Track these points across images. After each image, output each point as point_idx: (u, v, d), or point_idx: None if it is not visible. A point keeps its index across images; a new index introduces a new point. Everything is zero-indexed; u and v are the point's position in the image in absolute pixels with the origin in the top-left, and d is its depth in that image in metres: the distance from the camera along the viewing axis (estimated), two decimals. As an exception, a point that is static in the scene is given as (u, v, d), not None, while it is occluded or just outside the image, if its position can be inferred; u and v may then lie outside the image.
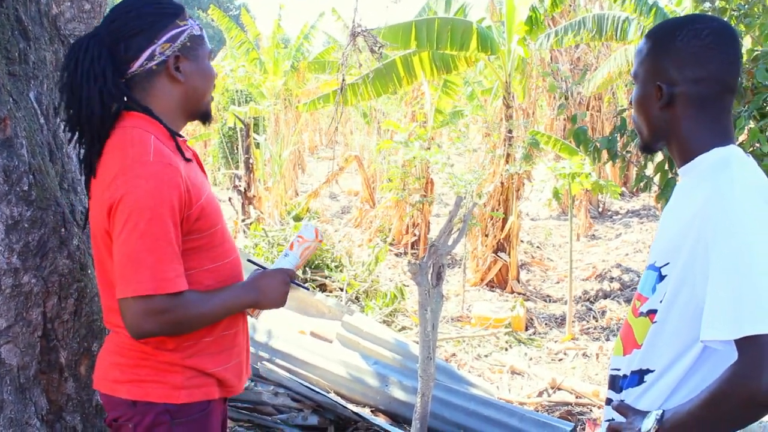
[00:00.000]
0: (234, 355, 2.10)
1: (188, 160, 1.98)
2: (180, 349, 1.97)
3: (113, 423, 2.01)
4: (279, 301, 2.10)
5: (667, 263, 1.67)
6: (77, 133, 1.98)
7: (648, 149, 1.85)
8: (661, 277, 1.68)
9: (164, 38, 1.93)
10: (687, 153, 1.73)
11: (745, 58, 3.98)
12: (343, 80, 5.37)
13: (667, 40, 1.71)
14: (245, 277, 2.15)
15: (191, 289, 1.92)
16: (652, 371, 1.70)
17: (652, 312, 1.71)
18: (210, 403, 2.03)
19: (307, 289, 2.33)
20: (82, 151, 2.01)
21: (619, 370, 1.82)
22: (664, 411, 1.61)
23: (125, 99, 1.95)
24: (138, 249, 1.80)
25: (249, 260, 2.20)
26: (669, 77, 1.70)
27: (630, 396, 1.75)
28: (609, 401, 1.86)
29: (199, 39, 2.01)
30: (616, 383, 1.83)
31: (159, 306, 1.83)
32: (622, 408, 1.74)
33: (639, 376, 1.74)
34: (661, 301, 1.68)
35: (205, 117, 2.11)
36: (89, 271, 2.44)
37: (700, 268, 1.56)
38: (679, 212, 1.71)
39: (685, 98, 1.69)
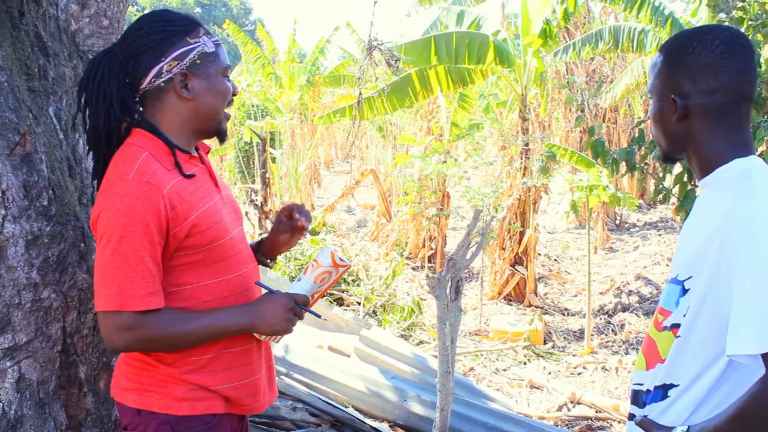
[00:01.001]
0: (246, 373, 2.07)
1: (188, 176, 1.96)
2: (178, 364, 1.97)
3: (124, 431, 2.03)
4: (279, 327, 2.00)
5: (690, 277, 1.65)
6: (91, 144, 2.02)
7: (668, 160, 1.86)
8: (684, 291, 1.66)
9: (172, 56, 1.93)
10: (706, 165, 1.71)
11: (763, 67, 3.95)
12: (360, 94, 5.37)
13: (679, 52, 1.70)
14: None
15: (171, 308, 1.92)
16: (676, 386, 1.68)
17: (675, 326, 1.69)
18: (215, 417, 2.01)
19: (318, 316, 2.26)
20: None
21: (642, 384, 1.80)
22: (689, 426, 1.59)
23: (136, 115, 1.98)
24: (109, 265, 1.84)
25: (256, 283, 2.15)
26: (683, 90, 1.69)
27: (654, 411, 1.73)
28: (632, 416, 1.83)
29: (212, 56, 1.99)
30: (639, 398, 1.81)
31: (126, 323, 1.85)
32: (646, 423, 1.72)
33: (663, 391, 1.71)
34: (684, 315, 1.66)
35: (219, 135, 2.09)
36: (108, 286, 2.44)
37: (724, 281, 1.54)
38: (700, 225, 1.69)
39: (700, 110, 1.68)
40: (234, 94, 2.08)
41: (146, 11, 2.00)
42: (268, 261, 2.37)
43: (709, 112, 1.68)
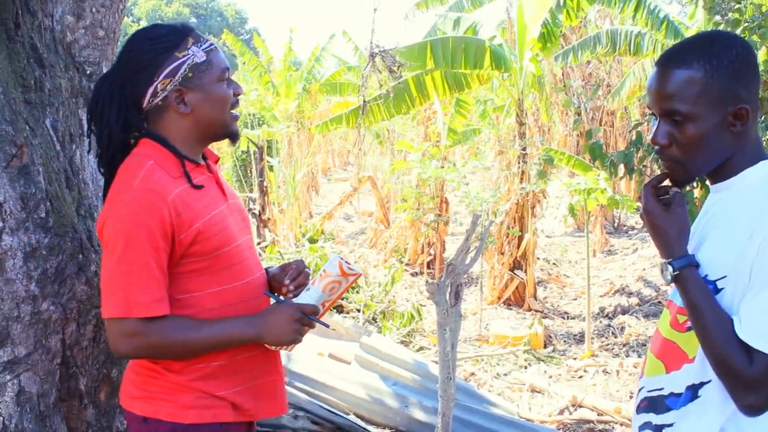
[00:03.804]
0: (252, 378, 2.07)
1: (196, 187, 1.97)
2: (186, 371, 1.97)
3: None
4: (287, 338, 2.00)
5: (724, 276, 1.63)
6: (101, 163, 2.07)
7: (693, 179, 1.78)
8: (718, 290, 1.65)
9: (163, 74, 1.94)
10: (733, 169, 1.70)
11: (761, 68, 3.96)
12: (364, 101, 5.37)
13: (723, 63, 1.62)
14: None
15: (179, 316, 1.93)
16: (707, 383, 1.67)
17: None
18: (223, 426, 2.00)
19: (327, 326, 2.25)
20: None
21: (661, 390, 1.78)
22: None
23: (142, 131, 2.01)
24: (114, 272, 1.86)
25: (264, 292, 2.14)
26: (741, 97, 1.63)
27: (689, 413, 1.71)
28: (646, 425, 1.81)
29: (204, 65, 1.98)
30: (659, 404, 1.78)
31: (131, 329, 1.86)
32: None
33: (693, 392, 1.70)
34: None
35: (230, 137, 2.09)
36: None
37: (759, 280, 1.56)
38: (727, 226, 1.67)
39: (750, 116, 1.65)
40: (237, 95, 2.07)
41: (141, 21, 2.00)
42: None
43: (753, 116, 1.66)
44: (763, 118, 3.77)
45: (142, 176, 1.88)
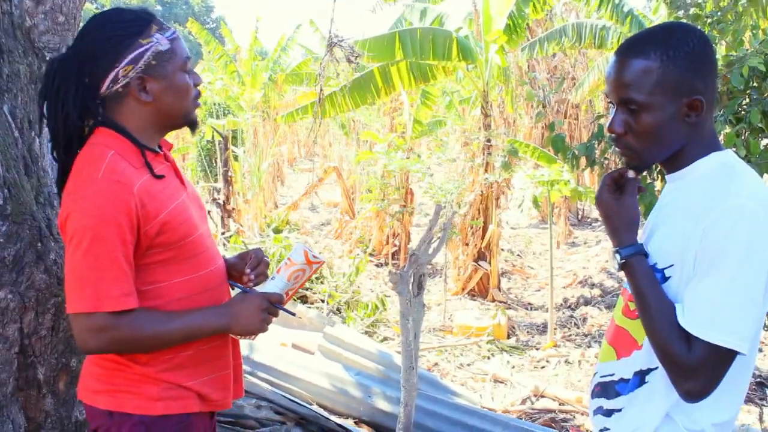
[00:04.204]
0: (217, 368, 2.06)
1: (158, 177, 1.94)
2: (153, 363, 1.94)
3: None
4: (254, 328, 2.00)
5: (672, 265, 1.67)
6: (53, 148, 1.98)
7: (648, 167, 1.83)
8: (665, 279, 1.68)
9: (126, 61, 1.89)
10: (687, 159, 1.72)
11: (720, 63, 4.02)
12: (321, 90, 5.35)
13: (680, 54, 1.64)
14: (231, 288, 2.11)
15: (147, 309, 1.89)
16: (654, 369, 1.71)
17: None
18: (189, 417, 1.99)
19: (293, 315, 2.26)
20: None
21: (612, 375, 1.82)
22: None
23: (98, 117, 1.94)
24: (81, 267, 1.80)
25: (229, 282, 2.13)
26: (697, 88, 1.65)
27: (636, 399, 1.75)
28: (598, 410, 1.85)
29: (168, 54, 1.94)
30: (609, 389, 1.82)
31: (100, 323, 1.81)
32: None
33: (640, 377, 1.74)
34: None
35: (190, 125, 2.06)
36: (67, 286, 2.41)
37: (704, 267, 1.59)
38: (676, 216, 1.70)
39: (704, 107, 1.66)
40: (197, 85, 2.04)
41: (105, 8, 1.97)
42: None
43: (708, 107, 1.67)
44: (722, 111, 3.82)
45: (106, 167, 1.83)
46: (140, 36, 1.91)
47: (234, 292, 2.12)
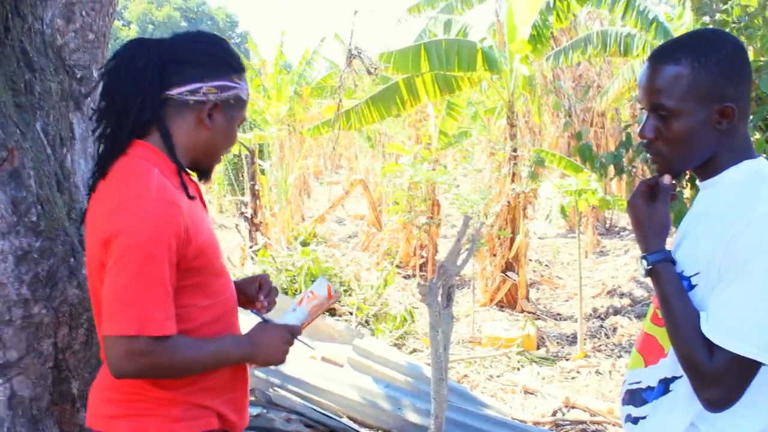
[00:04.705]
0: (236, 388, 2.06)
1: (192, 198, 1.93)
2: (178, 386, 1.92)
3: None
4: (276, 359, 2.02)
5: (698, 273, 1.65)
6: (102, 126, 1.94)
7: (678, 174, 1.81)
8: (692, 286, 1.67)
9: (215, 83, 1.91)
10: (719, 167, 1.70)
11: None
12: (340, 101, 5.39)
13: (712, 60, 1.62)
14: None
15: (182, 335, 1.85)
16: (679, 377, 1.69)
17: None
18: None
19: (311, 348, 2.29)
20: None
21: (639, 383, 1.81)
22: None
23: (152, 116, 1.90)
24: (129, 288, 1.75)
25: (252, 312, 2.14)
26: (729, 95, 1.63)
27: (661, 407, 1.74)
28: (628, 418, 1.83)
29: (243, 104, 2.00)
30: (637, 397, 1.81)
31: (142, 348, 1.76)
32: None
33: (665, 385, 1.73)
34: None
35: (206, 174, 2.07)
36: (99, 301, 2.43)
37: (731, 276, 1.57)
38: (707, 223, 1.68)
39: (736, 114, 1.65)
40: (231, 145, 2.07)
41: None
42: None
43: (742, 116, 1.66)
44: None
45: (157, 185, 1.81)
46: (236, 74, 1.97)
47: (244, 316, 2.12)
